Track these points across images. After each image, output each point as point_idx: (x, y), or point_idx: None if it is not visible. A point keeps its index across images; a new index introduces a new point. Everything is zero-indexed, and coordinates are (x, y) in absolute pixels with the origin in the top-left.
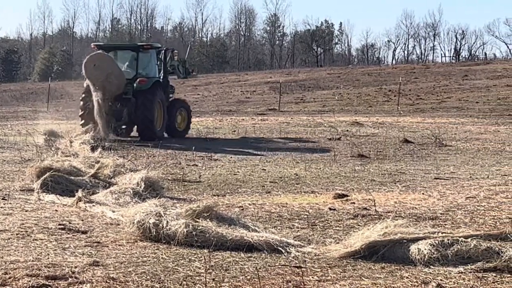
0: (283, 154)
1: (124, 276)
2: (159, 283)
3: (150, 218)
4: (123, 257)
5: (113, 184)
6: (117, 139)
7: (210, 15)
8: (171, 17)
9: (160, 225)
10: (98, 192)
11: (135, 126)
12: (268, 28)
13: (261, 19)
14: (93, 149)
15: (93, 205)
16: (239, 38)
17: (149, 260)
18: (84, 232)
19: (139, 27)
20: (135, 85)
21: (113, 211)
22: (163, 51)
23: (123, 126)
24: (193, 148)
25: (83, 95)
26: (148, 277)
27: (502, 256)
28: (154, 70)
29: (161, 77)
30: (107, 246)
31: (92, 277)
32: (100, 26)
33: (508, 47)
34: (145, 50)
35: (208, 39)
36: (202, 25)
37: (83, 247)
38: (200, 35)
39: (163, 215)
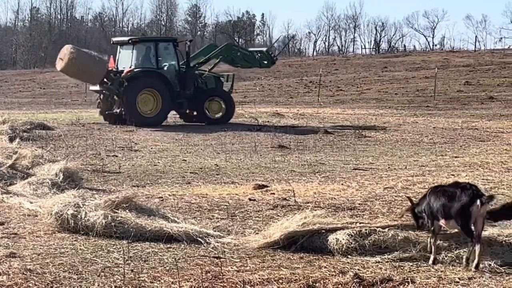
0: (204, 145)
1: (41, 268)
2: (77, 274)
3: (69, 209)
4: (40, 248)
5: (31, 175)
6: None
7: (131, 5)
8: (92, 7)
9: (79, 216)
10: (16, 183)
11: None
12: (190, 19)
13: (183, 10)
14: (11, 139)
15: (10, 196)
16: (160, 29)
17: (67, 252)
18: (1, 224)
19: (59, 17)
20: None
21: (31, 202)
22: (174, 43)
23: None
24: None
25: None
26: (66, 269)
27: (418, 246)
28: (151, 62)
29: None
30: (25, 238)
31: (9, 268)
32: (19, 16)
33: (426, 39)
34: (137, 44)
35: (129, 29)
36: (122, 15)
37: (0, 238)
38: (121, 25)
39: (81, 206)
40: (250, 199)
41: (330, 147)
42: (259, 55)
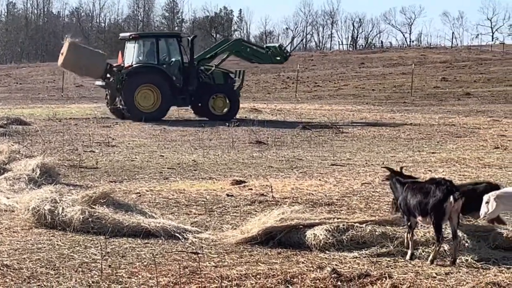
0: (181, 140)
1: (18, 263)
2: (54, 270)
3: (46, 205)
4: (17, 244)
5: (7, 170)
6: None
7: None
8: (68, 2)
9: (56, 211)
10: None
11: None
12: (167, 14)
13: (160, 5)
14: None
15: None
16: (137, 24)
17: (44, 247)
18: None
19: (36, 12)
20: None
21: (8, 198)
22: (177, 38)
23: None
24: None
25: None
26: (43, 264)
27: (396, 241)
28: (151, 57)
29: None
30: (1, 233)
31: None
32: None
33: (404, 35)
34: (138, 39)
35: (106, 24)
36: (99, 11)
37: None
38: (98, 20)
39: (58, 201)
40: (227, 195)
41: (308, 142)
42: (271, 50)
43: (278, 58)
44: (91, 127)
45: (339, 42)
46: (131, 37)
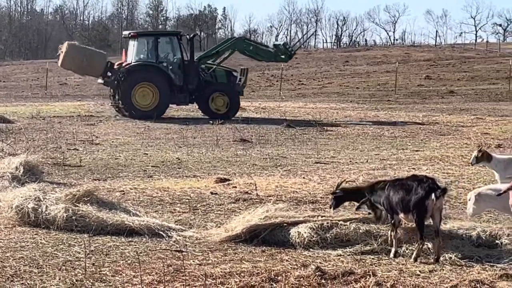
0: (165, 138)
1: (1, 262)
2: (37, 268)
3: (29, 203)
4: (0, 242)
5: None
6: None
7: None
8: (52, 0)
9: (39, 209)
10: None
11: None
12: (151, 12)
13: (144, 3)
14: None
15: None
16: (121, 22)
17: (28, 245)
18: None
19: (19, 9)
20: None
21: None
22: (178, 37)
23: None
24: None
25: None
26: (26, 262)
27: (380, 239)
28: (150, 56)
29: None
30: None
31: None
32: None
33: (388, 33)
34: (137, 38)
35: (90, 22)
36: (83, 8)
37: None
38: (81, 18)
39: (42, 199)
40: (212, 193)
41: (292, 140)
42: (274, 49)
43: (283, 56)
44: (75, 125)
45: (323, 40)
46: (130, 35)
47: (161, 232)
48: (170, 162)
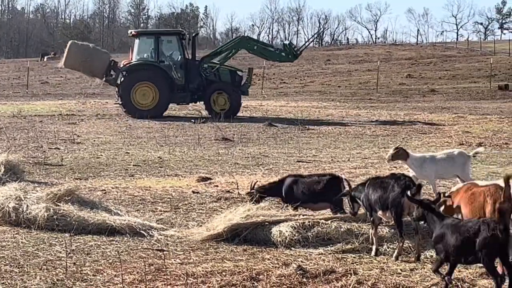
0: (147, 137)
1: None
2: (18, 267)
3: (10, 202)
4: None
5: None
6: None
7: None
8: None
9: (20, 209)
10: None
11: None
12: (133, 11)
13: (126, 2)
14: None
15: None
16: (103, 21)
17: (8, 245)
18: None
19: (0, 8)
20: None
21: None
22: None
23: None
24: None
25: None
26: (7, 262)
27: (361, 237)
28: (151, 55)
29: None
30: None
31: None
32: None
33: (369, 32)
34: (138, 37)
35: (72, 21)
36: (65, 7)
37: None
38: (63, 16)
39: (23, 199)
40: (193, 192)
41: (274, 139)
42: (279, 48)
43: (289, 56)
44: (56, 124)
45: (305, 38)
46: (131, 34)
47: (142, 231)
48: (151, 161)
